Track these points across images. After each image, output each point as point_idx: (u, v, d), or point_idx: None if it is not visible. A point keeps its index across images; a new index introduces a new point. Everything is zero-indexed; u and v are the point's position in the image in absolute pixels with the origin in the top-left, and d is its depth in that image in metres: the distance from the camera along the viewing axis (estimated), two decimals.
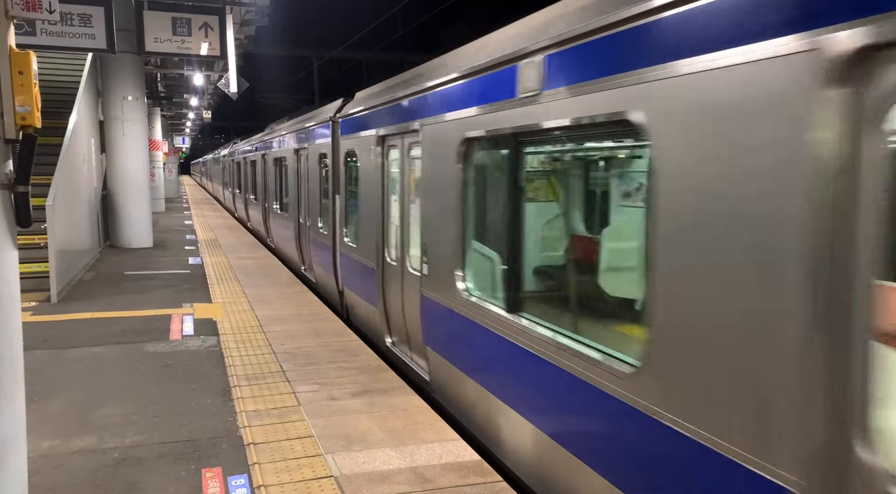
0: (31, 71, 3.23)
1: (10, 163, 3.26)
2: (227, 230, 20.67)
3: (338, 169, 9.55)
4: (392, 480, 4.29)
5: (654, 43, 2.97)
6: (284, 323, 8.45)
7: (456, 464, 4.52)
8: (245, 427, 5.12)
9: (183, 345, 7.51)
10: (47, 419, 5.31)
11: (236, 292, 10.48)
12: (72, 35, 11.89)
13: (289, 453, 4.67)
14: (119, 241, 15.83)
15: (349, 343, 7.55)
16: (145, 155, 16.41)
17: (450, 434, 5.05)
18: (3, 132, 3.18)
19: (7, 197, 3.25)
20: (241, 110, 59.31)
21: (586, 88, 3.50)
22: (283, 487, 4.19)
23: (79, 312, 9.09)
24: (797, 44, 2.25)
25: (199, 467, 4.50)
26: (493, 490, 4.20)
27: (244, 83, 16.71)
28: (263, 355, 7.06)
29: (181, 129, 47.15)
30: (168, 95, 27.41)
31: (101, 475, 4.39)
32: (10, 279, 3.31)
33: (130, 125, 15.73)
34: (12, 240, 3.32)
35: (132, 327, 8.29)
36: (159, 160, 28.06)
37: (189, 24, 13.01)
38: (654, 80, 2.95)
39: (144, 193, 16.17)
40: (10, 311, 3.29)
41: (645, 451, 3.12)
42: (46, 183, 10.09)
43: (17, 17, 3.31)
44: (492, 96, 4.63)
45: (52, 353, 7.15)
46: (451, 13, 23.85)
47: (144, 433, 5.06)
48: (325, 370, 6.56)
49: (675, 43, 2.83)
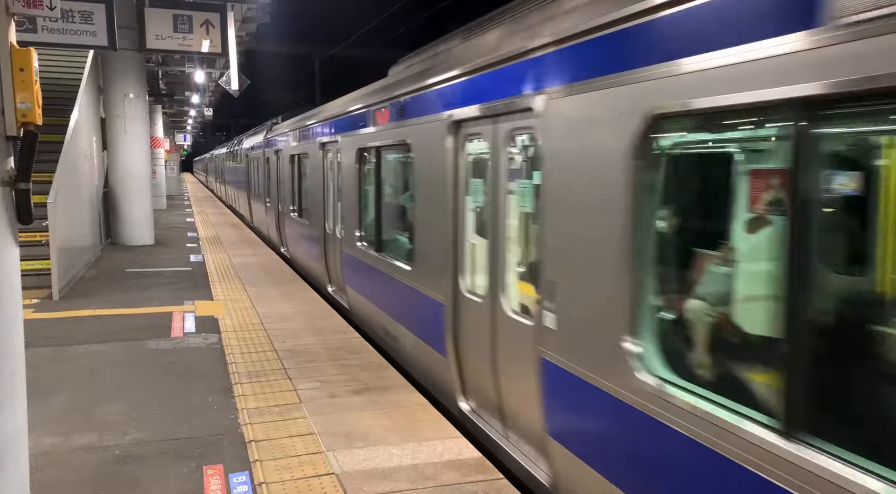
0: (32, 68, 3.22)
1: (11, 160, 3.26)
2: (228, 228, 20.67)
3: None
4: (393, 477, 4.29)
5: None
6: (286, 321, 8.45)
7: (457, 462, 4.52)
8: (246, 425, 5.12)
9: (184, 342, 7.51)
10: (49, 416, 5.31)
11: (238, 290, 10.48)
12: (73, 32, 11.87)
13: (290, 450, 4.67)
14: (120, 238, 15.83)
15: (350, 341, 7.55)
16: (147, 152, 16.42)
17: (451, 431, 5.04)
18: (4, 129, 3.17)
19: (8, 194, 3.25)
20: (242, 108, 59.32)
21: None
22: (285, 484, 4.19)
23: (80, 309, 9.10)
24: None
25: (200, 464, 4.50)
26: (494, 487, 4.20)
27: (245, 80, 16.71)
28: (265, 352, 7.06)
29: (182, 126, 47.14)
30: (169, 93, 27.40)
31: (103, 472, 4.40)
32: (12, 276, 3.30)
33: (132, 123, 15.73)
34: (13, 237, 3.32)
35: (134, 324, 8.30)
36: (161, 158, 28.07)
37: (190, 21, 12.98)
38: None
39: (146, 190, 16.17)
40: (12, 308, 3.29)
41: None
42: (48, 180, 10.10)
43: (17, 13, 3.30)
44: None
45: (53, 350, 7.15)
46: (452, 10, 23.83)
47: (146, 430, 5.07)
48: (327, 367, 6.56)
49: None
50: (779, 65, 2.37)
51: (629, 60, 3.19)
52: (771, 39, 2.39)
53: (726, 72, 2.61)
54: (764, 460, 2.42)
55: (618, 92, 3.28)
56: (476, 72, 5.00)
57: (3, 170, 3.19)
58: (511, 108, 4.42)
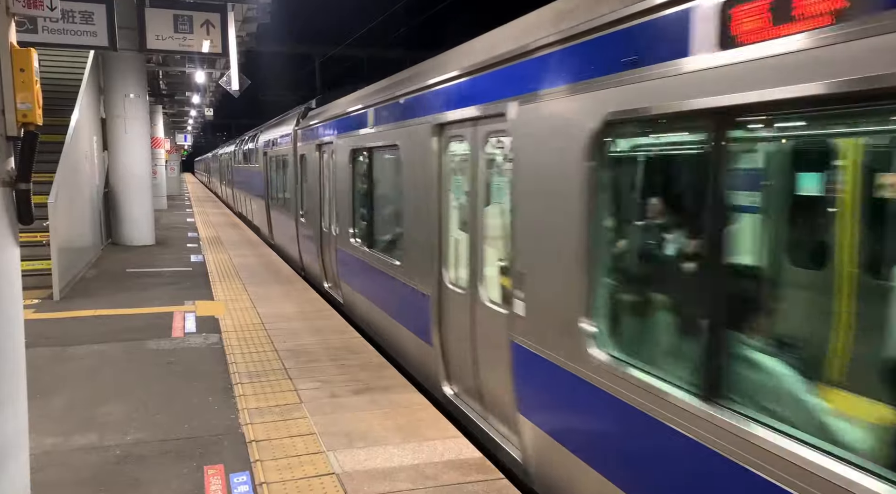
0: (33, 68, 3.23)
1: (11, 160, 3.26)
2: (228, 228, 20.68)
3: None
4: (394, 477, 4.29)
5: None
6: (286, 321, 8.45)
7: (458, 462, 4.52)
8: (247, 425, 5.12)
9: (185, 342, 7.51)
10: (50, 416, 5.31)
11: (238, 290, 10.48)
12: (73, 32, 11.87)
13: (290, 450, 4.67)
14: (121, 238, 15.84)
15: (351, 341, 7.55)
16: (147, 153, 16.42)
17: (452, 431, 5.05)
18: (4, 129, 3.18)
19: (9, 194, 3.25)
20: (243, 108, 59.33)
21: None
22: (285, 484, 4.19)
23: (81, 309, 9.10)
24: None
25: (201, 464, 4.50)
26: (495, 487, 4.20)
27: (246, 81, 16.69)
28: (265, 352, 7.06)
29: (183, 126, 47.16)
30: (170, 93, 27.39)
31: (104, 472, 4.40)
32: (13, 277, 3.31)
33: (132, 123, 15.73)
34: (14, 237, 3.32)
35: (134, 324, 8.30)
36: (161, 158, 28.07)
37: (191, 21, 12.99)
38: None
39: (146, 190, 16.18)
40: (13, 308, 3.30)
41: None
42: (48, 181, 10.10)
43: (18, 13, 3.31)
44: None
45: (54, 350, 7.16)
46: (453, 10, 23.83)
47: (146, 430, 5.07)
48: (327, 367, 6.56)
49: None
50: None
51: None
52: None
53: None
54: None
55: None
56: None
57: (3, 170, 3.20)
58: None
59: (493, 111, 4.58)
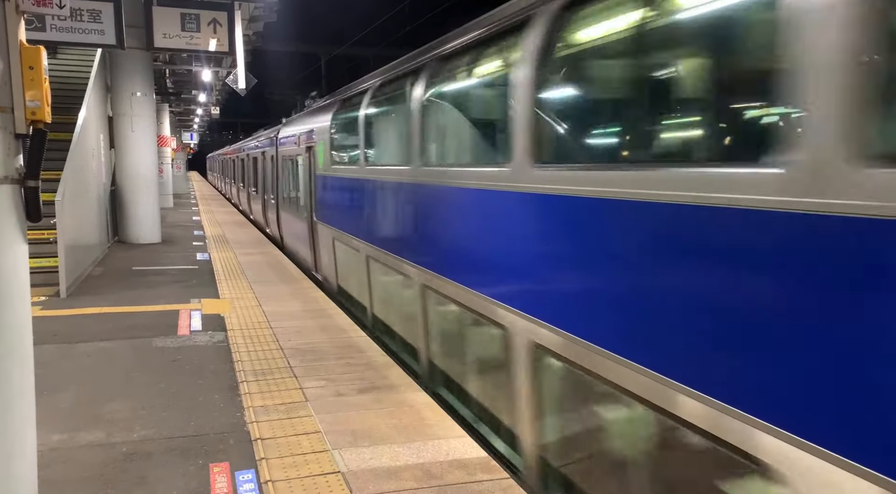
0: (42, 66, 3.23)
1: (20, 158, 3.27)
2: (234, 226, 20.72)
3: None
4: (399, 476, 4.29)
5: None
6: (292, 319, 8.47)
7: (463, 461, 4.52)
8: (252, 423, 5.14)
9: (191, 340, 7.53)
10: (56, 413, 5.33)
11: (244, 288, 10.51)
12: (81, 31, 11.93)
13: (296, 448, 4.68)
14: (127, 236, 15.90)
15: (356, 340, 7.55)
16: (154, 151, 16.47)
17: (457, 431, 5.04)
18: (13, 127, 3.18)
19: (17, 192, 3.26)
20: (250, 107, 59.49)
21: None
22: (291, 482, 4.20)
23: (88, 307, 9.14)
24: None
25: (206, 462, 4.51)
26: (501, 486, 4.19)
27: (252, 79, 16.74)
28: (271, 350, 7.08)
29: (189, 125, 47.29)
30: (176, 91, 27.49)
31: (110, 469, 4.41)
32: (21, 274, 3.32)
33: (139, 121, 15.78)
34: (23, 235, 3.33)
35: (140, 322, 8.33)
36: (168, 156, 28.17)
37: (198, 19, 13.03)
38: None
39: (153, 188, 16.23)
40: (20, 305, 3.31)
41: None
42: (56, 178, 10.14)
43: (27, 11, 3.31)
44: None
45: (61, 347, 7.19)
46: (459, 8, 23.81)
47: (152, 427, 5.08)
48: (333, 366, 6.57)
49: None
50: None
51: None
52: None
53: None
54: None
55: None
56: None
57: (12, 167, 3.21)
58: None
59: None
